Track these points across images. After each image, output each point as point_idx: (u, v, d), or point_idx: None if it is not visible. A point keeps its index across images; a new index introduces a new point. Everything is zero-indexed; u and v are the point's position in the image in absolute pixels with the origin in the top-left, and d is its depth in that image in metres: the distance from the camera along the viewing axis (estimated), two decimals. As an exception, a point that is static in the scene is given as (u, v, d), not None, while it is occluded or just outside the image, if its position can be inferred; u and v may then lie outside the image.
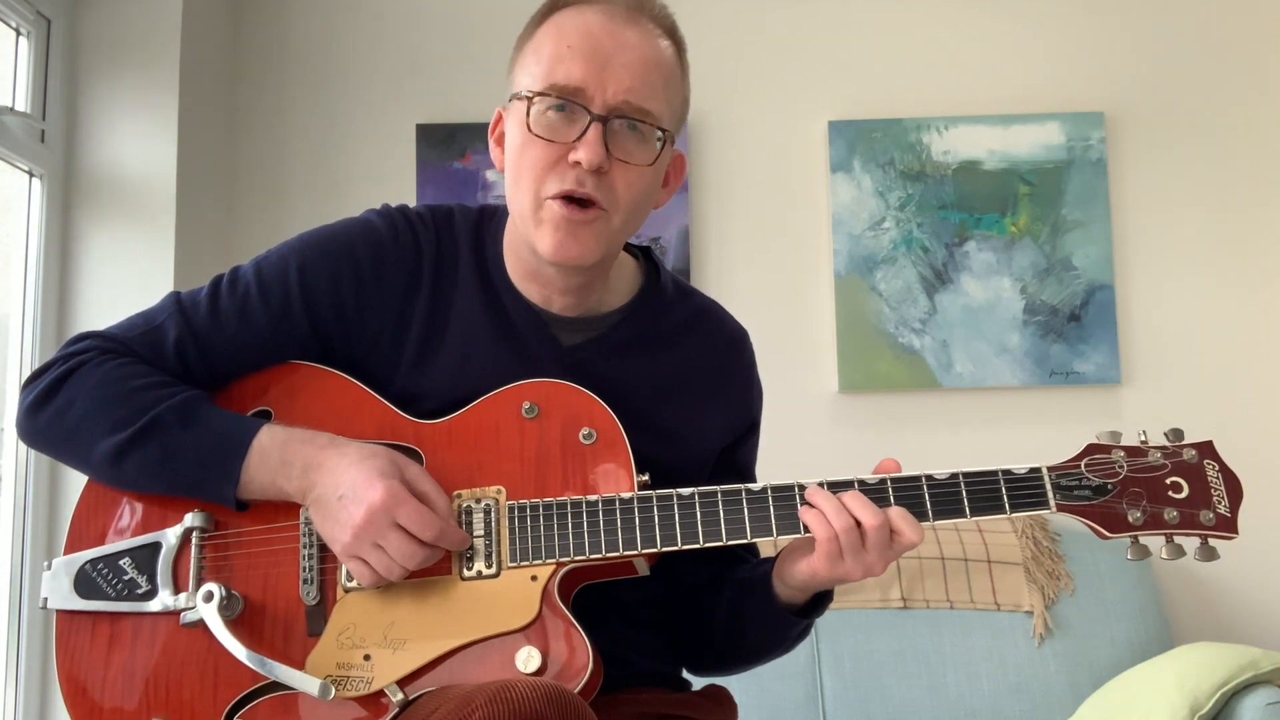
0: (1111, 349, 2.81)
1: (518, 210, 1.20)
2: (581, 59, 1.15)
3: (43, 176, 2.44)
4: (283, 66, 2.93)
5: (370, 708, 1.10)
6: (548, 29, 1.19)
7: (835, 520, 1.10)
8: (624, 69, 1.15)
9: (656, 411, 1.25)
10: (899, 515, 1.11)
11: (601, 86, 1.14)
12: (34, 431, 1.21)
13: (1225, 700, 2.02)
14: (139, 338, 1.21)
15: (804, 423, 2.78)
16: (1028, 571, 2.50)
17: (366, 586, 1.12)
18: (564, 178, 1.15)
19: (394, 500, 1.08)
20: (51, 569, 1.20)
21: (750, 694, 2.37)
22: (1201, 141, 2.91)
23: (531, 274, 1.25)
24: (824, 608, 1.24)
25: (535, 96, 1.15)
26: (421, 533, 1.08)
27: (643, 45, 1.18)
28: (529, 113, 1.16)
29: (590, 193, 1.15)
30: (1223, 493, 1.14)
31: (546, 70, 1.16)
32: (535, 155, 1.16)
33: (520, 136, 1.18)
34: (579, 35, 1.16)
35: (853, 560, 1.11)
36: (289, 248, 1.25)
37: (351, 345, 1.23)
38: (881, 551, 1.11)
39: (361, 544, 1.09)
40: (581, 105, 1.15)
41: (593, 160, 1.13)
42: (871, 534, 1.10)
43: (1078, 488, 1.14)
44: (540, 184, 1.16)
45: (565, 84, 1.15)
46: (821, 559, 1.12)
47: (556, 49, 1.16)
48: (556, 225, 1.16)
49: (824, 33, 2.95)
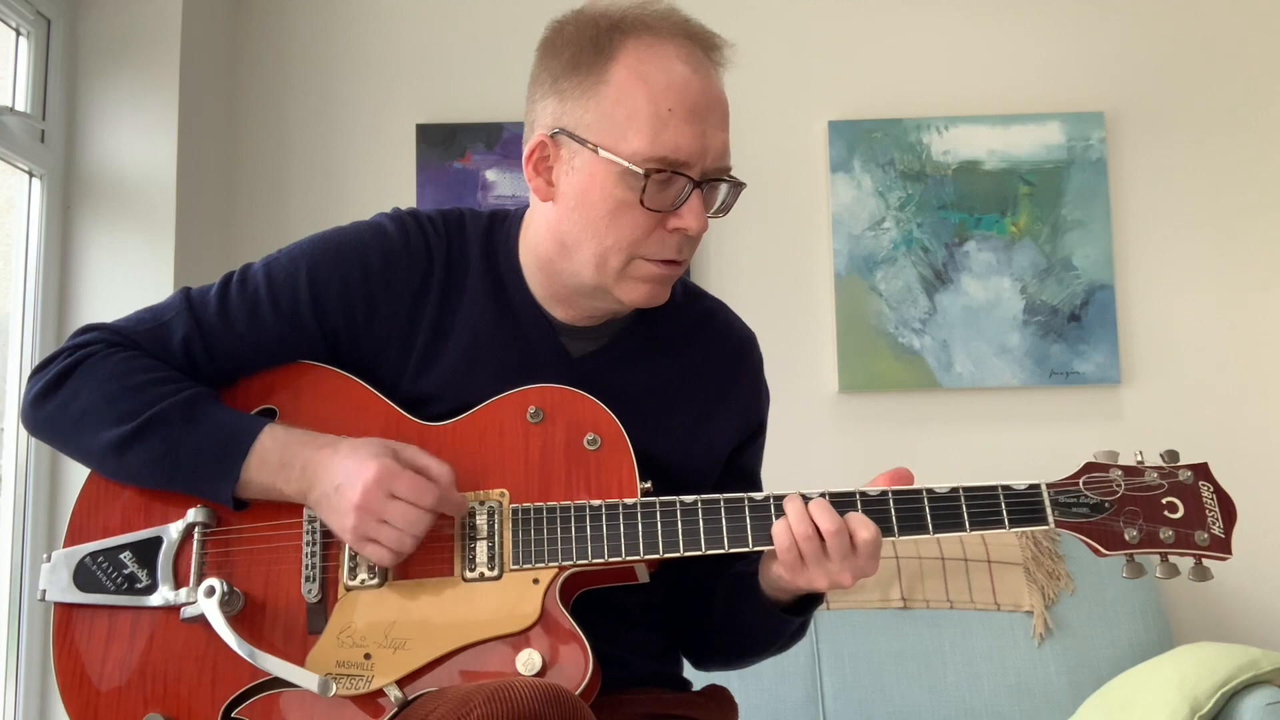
0: (1111, 349, 2.81)
1: (598, 265, 1.18)
2: (685, 126, 1.13)
3: (43, 176, 2.44)
4: (283, 66, 2.93)
5: (369, 707, 1.10)
6: (631, 76, 1.14)
7: (796, 528, 1.11)
8: (717, 130, 1.16)
9: (664, 416, 1.26)
10: (856, 519, 1.11)
11: (704, 154, 1.15)
12: (38, 421, 1.21)
13: (1225, 700, 2.02)
14: (146, 332, 1.22)
15: (804, 423, 2.77)
16: (1028, 571, 2.50)
17: (386, 565, 1.13)
18: (665, 244, 1.17)
19: (387, 474, 1.09)
20: (51, 561, 1.19)
21: (750, 694, 2.37)
22: (1201, 141, 2.91)
23: (565, 297, 1.24)
24: (814, 607, 1.24)
25: (651, 174, 1.12)
26: (420, 499, 1.09)
27: (723, 96, 1.18)
28: (645, 190, 1.13)
29: (686, 256, 1.19)
30: (1217, 514, 1.16)
31: (650, 140, 1.12)
32: (636, 221, 1.15)
33: (617, 198, 1.15)
34: (675, 94, 1.13)
35: (816, 568, 1.11)
36: (300, 249, 1.25)
37: (359, 348, 1.23)
38: (843, 558, 1.11)
39: (366, 523, 1.09)
40: (686, 176, 1.14)
41: (700, 229, 1.16)
42: (830, 539, 1.10)
43: (1076, 505, 1.16)
44: (638, 247, 1.16)
45: (675, 158, 1.13)
46: (784, 566, 1.13)
47: (655, 111, 1.13)
48: (649, 279, 1.18)
49: (824, 33, 2.95)
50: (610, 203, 1.15)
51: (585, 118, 1.15)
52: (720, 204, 1.20)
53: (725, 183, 1.18)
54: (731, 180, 1.19)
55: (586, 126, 1.15)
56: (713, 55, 1.19)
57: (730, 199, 1.21)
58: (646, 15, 1.17)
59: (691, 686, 1.34)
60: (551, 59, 1.19)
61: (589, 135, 1.15)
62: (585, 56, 1.16)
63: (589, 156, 1.15)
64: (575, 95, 1.16)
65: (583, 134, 1.15)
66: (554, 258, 1.22)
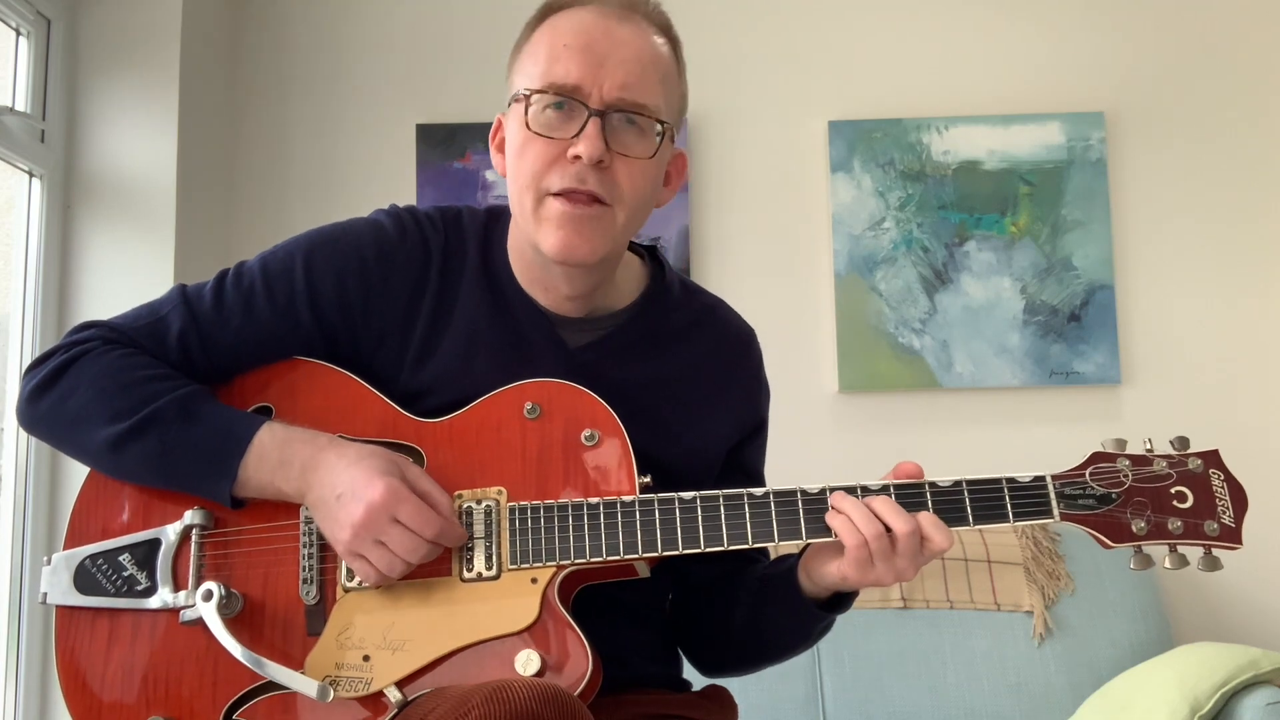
0: (1111, 349, 2.81)
1: (520, 211, 1.20)
2: (578, 56, 1.15)
3: (43, 176, 2.44)
4: (283, 66, 2.93)
5: (369, 708, 1.10)
6: (543, 32, 1.20)
7: (864, 527, 1.09)
8: (620, 65, 1.16)
9: (663, 412, 1.25)
10: (929, 521, 1.10)
11: (598, 83, 1.15)
12: (34, 418, 1.20)
13: (1225, 700, 2.02)
14: (143, 329, 1.21)
15: (804, 423, 2.77)
16: (1028, 571, 2.50)
17: (370, 585, 1.12)
18: (565, 174, 1.15)
19: (394, 497, 1.08)
20: (51, 564, 1.19)
21: (750, 694, 2.36)
22: (1201, 141, 2.91)
23: (537, 276, 1.24)
24: (849, 604, 1.24)
25: (533, 94, 1.16)
26: (423, 530, 1.08)
27: (637, 41, 1.18)
28: (527, 111, 1.16)
29: (592, 188, 1.15)
30: (1228, 503, 1.14)
31: (544, 70, 1.16)
32: (535, 153, 1.16)
33: (519, 136, 1.18)
34: (574, 34, 1.17)
35: (884, 566, 1.10)
36: (295, 244, 1.25)
37: (356, 343, 1.23)
38: (913, 557, 1.10)
39: (362, 541, 1.09)
40: (579, 101, 1.15)
41: (592, 154, 1.13)
42: (902, 540, 1.09)
43: (1082, 496, 1.14)
44: (541, 181, 1.16)
45: (563, 82, 1.15)
46: (851, 565, 1.11)
47: (552, 48, 1.17)
48: (560, 222, 1.16)
49: (824, 33, 2.95)
50: (517, 141, 1.19)
51: (513, 80, 1.22)
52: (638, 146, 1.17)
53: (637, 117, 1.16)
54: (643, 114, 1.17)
55: (512, 88, 1.21)
56: (634, 11, 1.20)
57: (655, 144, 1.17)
58: None
59: (691, 687, 1.34)
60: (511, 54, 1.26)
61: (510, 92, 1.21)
62: (523, 37, 1.23)
63: (512, 111, 1.21)
64: (512, 70, 1.23)
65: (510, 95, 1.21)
66: (518, 240, 1.24)
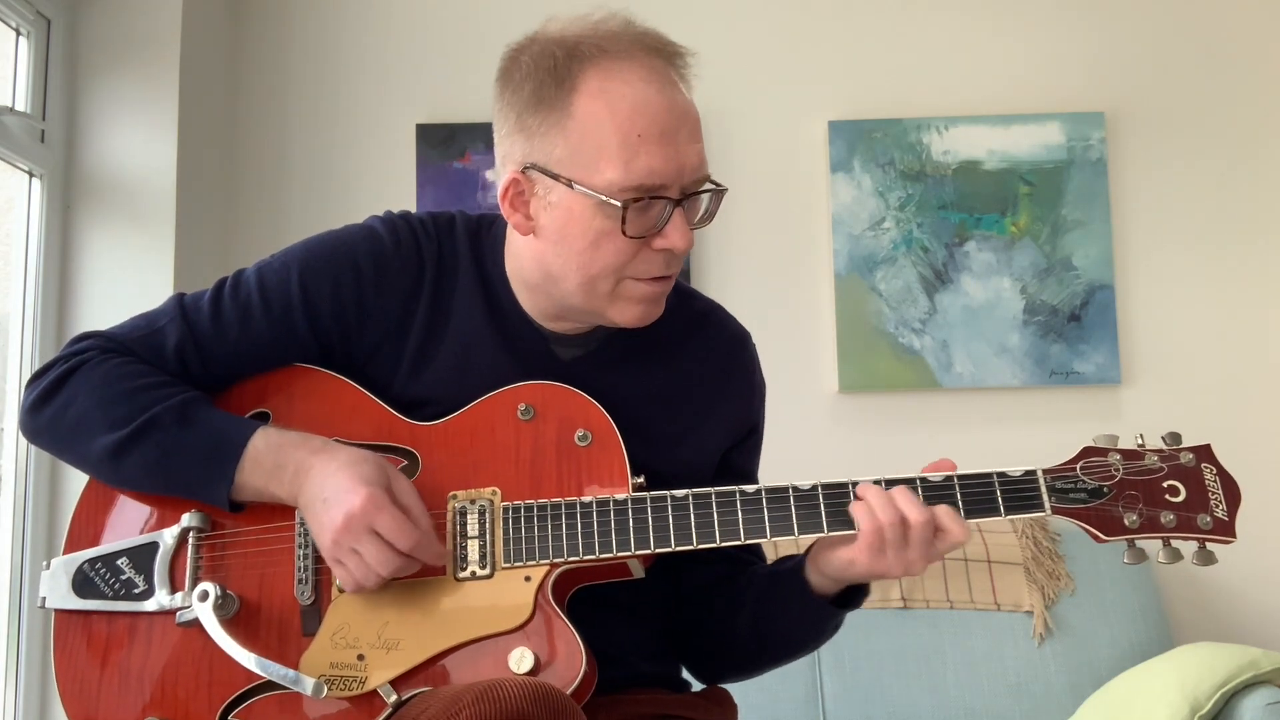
0: (1111, 349, 2.81)
1: (584, 290, 1.16)
2: (657, 148, 1.10)
3: (43, 176, 2.45)
4: (283, 67, 2.93)
5: (364, 707, 1.10)
6: (595, 105, 1.11)
7: (882, 513, 1.10)
8: (689, 145, 1.13)
9: (656, 421, 1.25)
10: (945, 513, 1.11)
11: (680, 174, 1.12)
12: (36, 429, 1.22)
13: (1225, 700, 2.02)
14: (140, 339, 1.22)
15: (804, 423, 2.77)
16: (1028, 571, 2.50)
17: (349, 590, 1.12)
18: (652, 263, 1.15)
19: (373, 507, 1.08)
20: (50, 569, 1.21)
21: (750, 694, 2.34)
22: (1202, 141, 2.90)
23: (552, 313, 1.23)
24: (860, 601, 1.23)
25: (630, 204, 1.10)
26: (397, 541, 1.08)
27: (691, 107, 1.16)
28: (624, 219, 1.10)
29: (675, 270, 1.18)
30: (1220, 497, 1.14)
31: (623, 169, 1.10)
32: (619, 248, 1.13)
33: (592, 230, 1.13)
34: (642, 118, 1.10)
35: (894, 555, 1.11)
36: (291, 254, 1.25)
37: (352, 351, 1.24)
38: (924, 549, 1.10)
39: (339, 548, 1.09)
40: (664, 198, 1.12)
41: (686, 246, 1.14)
42: (916, 529, 1.10)
43: (1073, 490, 1.14)
44: (624, 271, 1.15)
45: (651, 183, 1.11)
46: (863, 550, 1.11)
47: (624, 139, 1.10)
48: (642, 299, 1.17)
49: (824, 33, 2.95)
50: (591, 235, 1.13)
51: (555, 153, 1.12)
52: (704, 213, 1.19)
53: (706, 193, 1.17)
54: (712, 188, 1.17)
55: (558, 161, 1.12)
56: (676, 64, 1.15)
57: (713, 206, 1.19)
58: (603, 38, 1.13)
59: (690, 687, 1.34)
60: (513, 94, 1.16)
61: (561, 170, 1.12)
62: (547, 91, 1.12)
63: (564, 191, 1.12)
64: (542, 131, 1.13)
65: (555, 169, 1.12)
66: (542, 284, 1.21)
